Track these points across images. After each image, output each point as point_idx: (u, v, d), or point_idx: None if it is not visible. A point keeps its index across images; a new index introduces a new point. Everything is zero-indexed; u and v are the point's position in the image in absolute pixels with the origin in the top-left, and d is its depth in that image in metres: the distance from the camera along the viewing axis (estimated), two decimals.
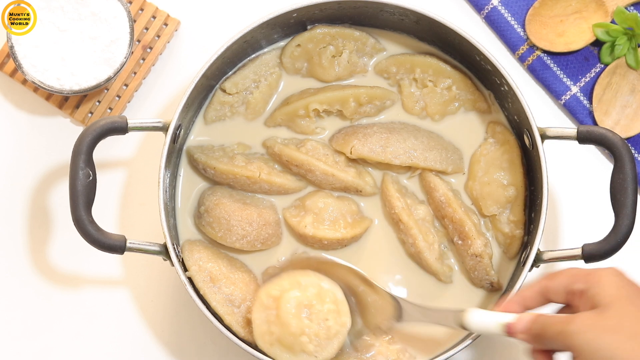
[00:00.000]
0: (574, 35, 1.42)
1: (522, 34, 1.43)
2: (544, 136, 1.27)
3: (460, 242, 1.33)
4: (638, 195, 1.34)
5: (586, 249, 1.24)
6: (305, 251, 1.34)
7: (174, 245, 1.27)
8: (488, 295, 1.34)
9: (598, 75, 1.42)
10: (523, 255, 1.31)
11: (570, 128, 1.26)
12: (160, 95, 1.44)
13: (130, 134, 1.28)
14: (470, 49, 1.31)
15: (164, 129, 1.28)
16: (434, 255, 1.32)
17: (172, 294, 1.40)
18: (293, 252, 1.34)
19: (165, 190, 1.29)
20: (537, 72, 1.43)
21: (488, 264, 1.32)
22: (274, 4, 1.38)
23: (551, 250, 1.27)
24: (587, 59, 1.43)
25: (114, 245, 1.24)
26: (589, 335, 1.01)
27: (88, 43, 1.34)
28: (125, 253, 1.25)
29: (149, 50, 1.43)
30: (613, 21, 1.40)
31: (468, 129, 1.37)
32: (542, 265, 1.30)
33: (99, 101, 1.42)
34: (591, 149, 1.43)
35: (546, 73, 1.43)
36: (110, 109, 1.43)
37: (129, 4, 1.41)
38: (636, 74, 1.40)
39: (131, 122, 1.26)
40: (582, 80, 1.43)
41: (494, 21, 1.43)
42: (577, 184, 1.42)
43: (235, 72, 1.37)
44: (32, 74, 1.34)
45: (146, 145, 1.43)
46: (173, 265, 1.27)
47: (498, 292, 1.34)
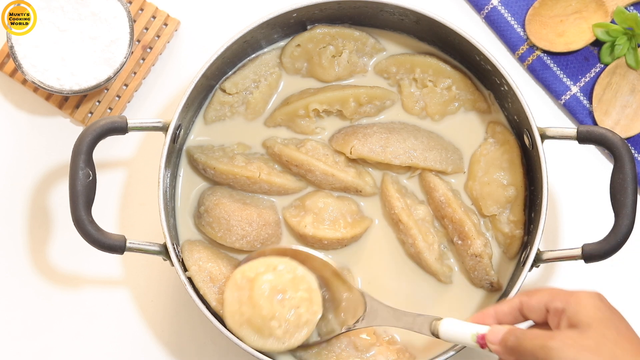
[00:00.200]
0: (574, 35, 1.42)
1: (522, 34, 1.43)
2: (543, 136, 1.27)
3: (460, 242, 1.33)
4: (638, 195, 1.34)
5: (586, 249, 1.24)
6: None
7: (173, 245, 1.28)
8: (488, 295, 1.34)
9: (598, 75, 1.42)
10: (523, 255, 1.31)
11: (570, 128, 1.26)
12: (160, 95, 1.44)
13: (130, 134, 1.28)
14: (470, 49, 1.31)
15: (164, 129, 1.28)
16: (433, 255, 1.32)
17: (172, 294, 1.40)
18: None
19: (165, 190, 1.29)
20: (537, 72, 1.43)
21: (488, 264, 1.32)
22: (274, 4, 1.38)
23: (551, 250, 1.27)
24: (587, 59, 1.43)
25: (114, 245, 1.24)
26: (569, 353, 1.00)
27: (88, 43, 1.34)
28: (125, 253, 1.25)
29: (149, 50, 1.43)
30: (613, 21, 1.40)
31: (468, 129, 1.37)
32: (542, 265, 1.30)
33: (99, 101, 1.42)
34: (591, 149, 1.43)
35: (546, 73, 1.43)
36: (110, 109, 1.43)
37: (129, 4, 1.41)
38: (636, 74, 1.40)
39: (131, 122, 1.26)
40: (582, 80, 1.43)
41: (493, 21, 1.43)
42: (577, 184, 1.42)
43: (235, 72, 1.37)
44: (32, 74, 1.34)
45: (146, 145, 1.43)
46: (173, 265, 1.27)
47: (498, 292, 1.34)
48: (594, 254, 1.23)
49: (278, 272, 1.25)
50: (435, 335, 1.16)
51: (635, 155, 1.41)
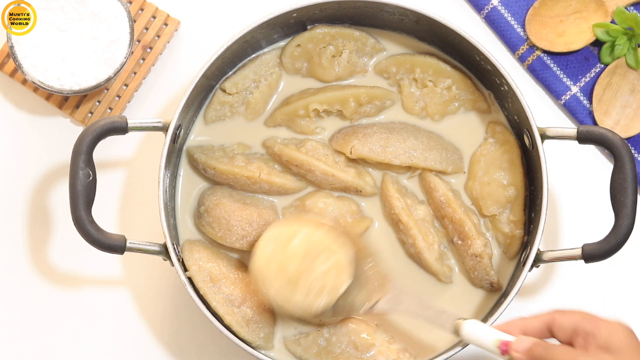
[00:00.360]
0: (574, 35, 1.42)
1: (522, 34, 1.43)
2: (543, 136, 1.27)
3: (460, 242, 1.33)
4: (638, 195, 1.34)
5: (586, 249, 1.24)
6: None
7: (174, 245, 1.28)
8: (488, 296, 1.34)
9: (598, 75, 1.42)
10: (523, 255, 1.31)
11: (570, 128, 1.26)
12: (160, 95, 1.44)
13: (130, 134, 1.28)
14: (470, 49, 1.31)
15: (164, 129, 1.28)
16: (433, 255, 1.32)
17: (172, 294, 1.40)
18: None
19: (165, 190, 1.29)
20: (537, 72, 1.43)
21: (488, 264, 1.32)
22: (274, 4, 1.38)
23: (551, 250, 1.27)
24: (587, 59, 1.43)
25: (114, 245, 1.24)
26: None
27: (88, 43, 1.34)
28: (125, 253, 1.25)
29: (149, 50, 1.43)
30: (613, 21, 1.40)
31: (468, 129, 1.37)
32: (542, 265, 1.30)
33: (99, 101, 1.42)
34: (591, 149, 1.43)
35: (546, 73, 1.43)
36: (110, 109, 1.43)
37: (129, 4, 1.41)
38: (636, 74, 1.40)
39: (131, 122, 1.26)
40: (582, 80, 1.43)
41: (494, 21, 1.43)
42: (577, 184, 1.42)
43: (235, 72, 1.37)
44: (32, 74, 1.34)
45: (146, 145, 1.43)
46: (173, 265, 1.27)
47: (498, 292, 1.34)
48: (594, 254, 1.23)
49: (318, 235, 1.24)
50: (456, 334, 1.16)
51: (635, 155, 1.41)
